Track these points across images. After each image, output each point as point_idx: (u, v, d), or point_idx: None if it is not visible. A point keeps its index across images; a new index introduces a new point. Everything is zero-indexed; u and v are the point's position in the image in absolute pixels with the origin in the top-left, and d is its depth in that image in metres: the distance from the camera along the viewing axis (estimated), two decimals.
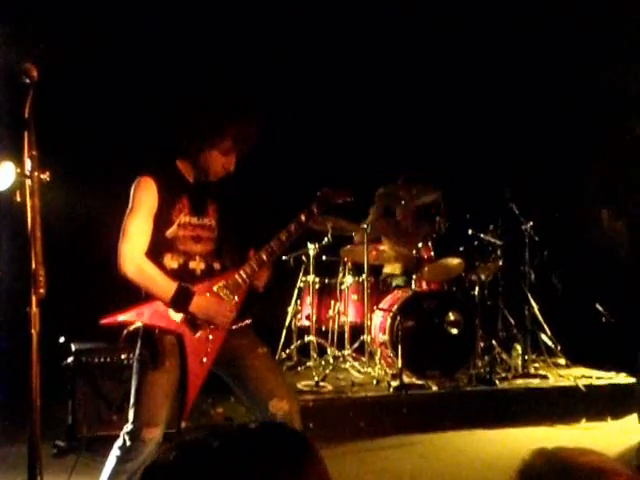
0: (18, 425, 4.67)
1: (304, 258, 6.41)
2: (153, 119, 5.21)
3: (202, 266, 3.25)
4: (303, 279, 6.46)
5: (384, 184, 6.44)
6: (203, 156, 3.21)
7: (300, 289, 6.50)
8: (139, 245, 3.11)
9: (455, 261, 6.27)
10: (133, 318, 3.12)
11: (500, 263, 6.34)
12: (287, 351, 6.38)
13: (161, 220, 3.15)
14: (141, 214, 3.13)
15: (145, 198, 3.13)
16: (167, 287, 3.11)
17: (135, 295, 3.15)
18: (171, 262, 3.18)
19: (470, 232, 6.29)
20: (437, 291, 6.45)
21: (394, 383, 5.65)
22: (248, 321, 3.35)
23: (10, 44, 5.29)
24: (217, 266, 3.31)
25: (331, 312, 6.43)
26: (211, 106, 3.24)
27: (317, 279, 6.37)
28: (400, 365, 5.67)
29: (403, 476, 4.45)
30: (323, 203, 3.42)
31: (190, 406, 3.17)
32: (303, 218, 3.35)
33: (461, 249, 6.30)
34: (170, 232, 3.17)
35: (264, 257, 3.29)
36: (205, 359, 3.18)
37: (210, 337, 3.20)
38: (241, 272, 3.27)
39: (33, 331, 2.34)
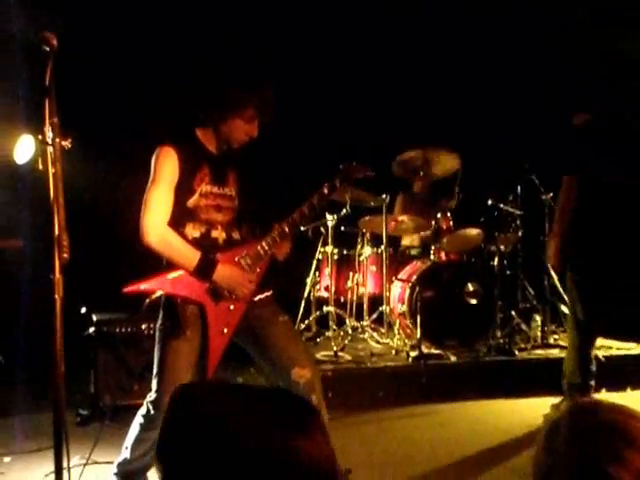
0: (42, 393, 4.73)
1: (323, 229, 6.40)
2: (174, 88, 5.20)
3: (223, 235, 3.26)
4: (322, 250, 6.46)
5: (401, 152, 6.39)
6: (226, 125, 3.20)
7: (319, 260, 6.51)
8: (161, 215, 3.11)
9: (474, 232, 6.24)
10: (155, 287, 3.12)
11: (520, 234, 6.31)
12: (306, 322, 6.40)
13: (182, 189, 3.15)
14: (163, 184, 3.12)
15: (166, 168, 3.13)
16: (191, 256, 3.12)
17: (157, 265, 3.16)
18: (193, 231, 3.18)
19: (490, 202, 6.26)
20: (456, 262, 6.43)
21: (413, 353, 5.67)
22: (269, 293, 3.36)
23: (28, 13, 5.28)
24: (236, 236, 3.31)
25: (350, 283, 6.44)
26: (233, 75, 3.23)
27: (336, 250, 6.37)
28: (419, 335, 5.68)
29: (422, 444, 4.46)
30: (345, 177, 3.39)
31: (211, 374, 3.18)
32: (326, 191, 3.32)
33: (481, 220, 6.28)
34: (192, 201, 3.17)
35: (286, 229, 3.27)
36: (226, 329, 3.19)
37: (231, 308, 3.21)
38: (263, 243, 3.26)
39: (57, 296, 2.35)
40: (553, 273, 6.36)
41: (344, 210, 6.03)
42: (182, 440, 1.19)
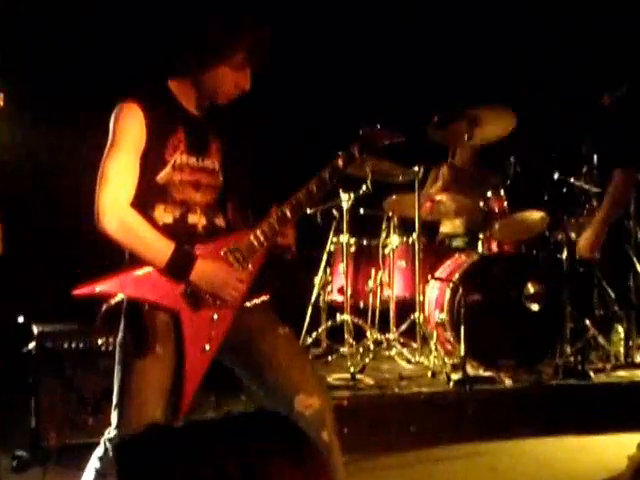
0: None
1: (336, 212, 6.40)
2: (140, 28, 5.19)
3: (204, 221, 3.25)
4: (334, 240, 6.47)
5: (440, 112, 6.37)
6: (209, 74, 3.19)
7: (330, 254, 6.52)
8: (123, 193, 3.10)
9: (536, 215, 6.24)
10: (115, 289, 3.11)
11: None
12: (314, 335, 6.39)
13: (151, 160, 3.14)
14: (125, 152, 3.11)
15: (129, 131, 3.11)
16: (162, 248, 3.10)
17: (117, 260, 3.16)
18: (164, 215, 3.17)
19: (557, 176, 6.23)
20: (512, 255, 6.46)
21: (455, 376, 5.66)
22: (265, 297, 3.36)
23: None
24: (220, 222, 3.32)
25: (371, 283, 6.44)
26: (219, 11, 3.22)
27: (353, 240, 6.37)
28: (463, 352, 5.68)
29: None
30: (367, 144, 3.39)
31: (188, 406, 3.18)
32: (340, 163, 3.31)
33: (544, 199, 6.25)
34: (163, 176, 3.16)
35: (288, 213, 3.25)
36: (208, 346, 3.18)
37: (215, 317, 3.20)
38: (257, 232, 3.25)
39: None
40: None
41: (364, 187, 6.01)
42: None
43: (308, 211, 6.08)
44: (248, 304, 3.29)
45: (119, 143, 3.12)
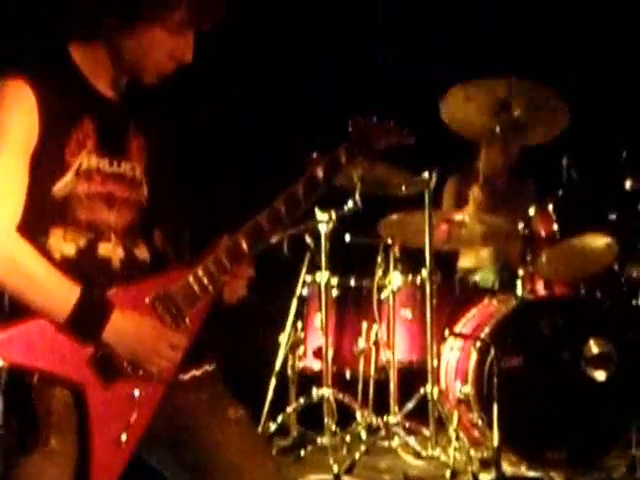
0: None
1: (309, 240, 6.43)
2: None
3: (120, 253, 3.25)
4: (308, 280, 6.52)
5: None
6: (132, 38, 3.19)
7: (302, 300, 6.57)
8: (8, 214, 3.08)
9: (600, 241, 6.29)
10: None
11: None
12: (280, 419, 6.44)
13: (45, 163, 3.12)
14: (9, 154, 3.09)
15: (16, 122, 3.10)
16: (62, 294, 3.08)
17: None
18: (64, 244, 3.15)
19: (628, 185, 6.27)
20: (566, 300, 6.51)
21: (485, 477, 5.68)
22: (209, 366, 3.38)
23: None
24: (143, 255, 3.34)
25: (362, 343, 6.48)
26: None
27: (335, 280, 6.44)
28: (496, 442, 5.69)
29: None
30: (359, 147, 3.41)
31: None
32: (320, 174, 3.33)
33: (610, 218, 6.28)
34: (62, 187, 3.14)
35: (244, 244, 3.28)
36: (125, 435, 3.16)
37: (136, 394, 3.19)
38: (199, 272, 3.25)
39: None
40: None
41: (350, 203, 6.03)
42: None
43: (274, 240, 6.04)
44: (185, 376, 3.30)
45: (0, 140, 3.11)
